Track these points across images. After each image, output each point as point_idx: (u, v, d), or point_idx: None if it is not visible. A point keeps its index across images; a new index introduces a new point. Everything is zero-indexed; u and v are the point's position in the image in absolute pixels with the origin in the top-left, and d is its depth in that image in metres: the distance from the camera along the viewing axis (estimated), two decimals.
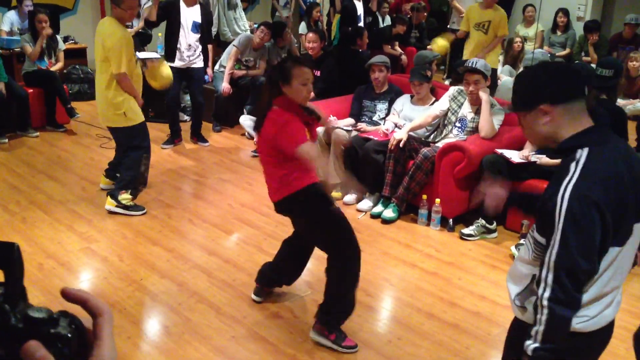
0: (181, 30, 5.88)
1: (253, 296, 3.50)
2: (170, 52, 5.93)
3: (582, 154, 1.71)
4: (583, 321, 1.75)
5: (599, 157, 1.70)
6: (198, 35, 5.96)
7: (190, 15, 5.89)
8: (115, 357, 0.69)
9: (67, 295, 0.70)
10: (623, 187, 1.68)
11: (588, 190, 1.64)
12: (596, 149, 1.71)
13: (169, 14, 5.86)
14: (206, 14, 6.12)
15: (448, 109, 4.77)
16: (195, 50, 5.99)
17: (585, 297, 1.72)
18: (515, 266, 1.93)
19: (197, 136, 6.41)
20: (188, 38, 5.92)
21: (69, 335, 0.66)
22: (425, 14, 9.57)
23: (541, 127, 1.80)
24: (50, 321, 0.65)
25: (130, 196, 4.64)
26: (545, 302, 1.68)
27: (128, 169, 4.66)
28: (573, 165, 1.69)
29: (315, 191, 3.08)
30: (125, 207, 4.59)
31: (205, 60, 6.33)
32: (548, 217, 1.70)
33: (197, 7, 5.94)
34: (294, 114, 2.95)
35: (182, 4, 5.84)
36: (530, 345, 1.72)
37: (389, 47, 8.17)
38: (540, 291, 1.70)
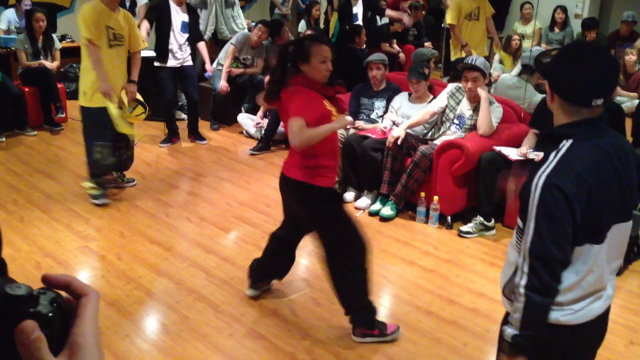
0: (172, 31, 5.86)
1: (247, 291, 3.49)
2: (162, 53, 5.92)
3: (565, 144, 1.72)
4: (569, 314, 1.76)
5: (579, 150, 1.70)
6: (187, 35, 5.96)
7: (179, 15, 5.88)
8: (96, 338, 0.65)
9: (49, 280, 0.68)
10: (599, 186, 1.67)
11: (558, 181, 1.66)
12: (580, 142, 1.72)
13: (160, 15, 5.85)
14: (192, 12, 6.11)
15: (446, 106, 4.76)
16: (186, 50, 5.99)
17: (570, 296, 1.74)
18: (507, 255, 1.95)
19: (195, 134, 6.40)
20: (179, 38, 5.91)
21: (50, 314, 0.62)
22: (423, 12, 9.55)
23: (550, 105, 1.83)
24: (30, 299, 0.61)
25: (90, 184, 4.68)
26: (521, 290, 1.70)
27: (87, 158, 4.67)
28: (553, 154, 1.72)
29: (332, 195, 3.11)
30: (88, 194, 4.70)
31: (203, 58, 6.32)
32: (524, 204, 1.73)
33: (185, 7, 5.95)
34: (315, 92, 2.94)
35: (171, 4, 5.83)
36: (509, 331, 1.75)
37: (387, 45, 8.16)
38: (517, 279, 1.73)
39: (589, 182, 1.66)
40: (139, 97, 4.79)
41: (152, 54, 6.05)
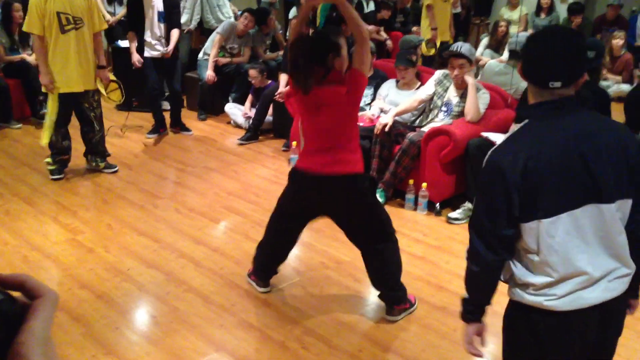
0: (147, 22, 5.77)
1: (260, 289, 3.46)
2: (140, 45, 5.85)
3: (521, 125, 1.81)
4: (551, 299, 1.77)
5: (528, 131, 1.78)
6: (163, 25, 5.85)
7: (154, 4, 5.76)
8: (43, 347, 0.59)
9: (1, 281, 0.62)
10: (545, 164, 1.70)
11: (497, 156, 1.77)
12: (535, 123, 1.78)
13: (134, 8, 5.76)
14: (168, 1, 5.90)
15: (434, 93, 4.76)
16: (165, 40, 5.89)
17: (540, 279, 1.77)
18: None
19: (179, 125, 6.34)
20: (155, 30, 5.82)
21: None
22: None
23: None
24: None
25: (49, 160, 4.89)
26: (465, 258, 1.88)
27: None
28: (508, 133, 1.83)
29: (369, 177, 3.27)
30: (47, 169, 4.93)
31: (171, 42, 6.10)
32: None
33: None
34: None
35: None
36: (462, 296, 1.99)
37: (375, 32, 8.13)
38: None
39: (525, 158, 1.70)
40: (112, 77, 4.98)
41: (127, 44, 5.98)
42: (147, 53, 5.84)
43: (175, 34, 5.90)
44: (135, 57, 5.88)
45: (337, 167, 2.97)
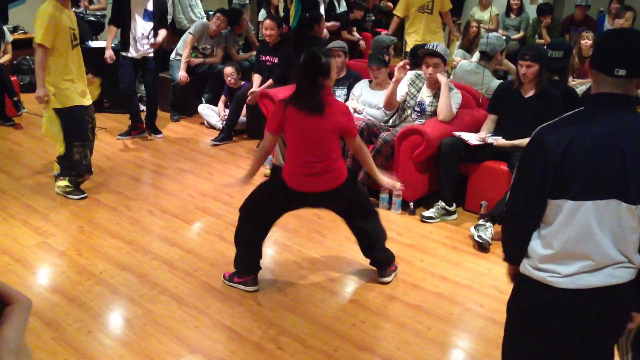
0: (132, 19, 5.74)
1: (250, 288, 3.47)
2: (124, 41, 5.80)
3: (575, 110, 1.93)
4: (555, 277, 1.90)
5: (580, 117, 1.90)
6: (151, 24, 5.84)
7: (141, 3, 5.76)
8: (14, 355, 0.57)
9: None
10: (585, 149, 1.82)
11: (545, 132, 1.90)
12: (588, 111, 1.90)
13: (120, 4, 5.72)
14: (159, 1, 5.96)
15: (407, 94, 4.79)
16: (149, 39, 5.87)
17: (550, 251, 1.90)
18: None
19: (151, 127, 6.27)
20: (140, 27, 5.79)
21: None
22: None
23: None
24: None
25: (66, 183, 4.68)
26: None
27: (64, 158, 4.63)
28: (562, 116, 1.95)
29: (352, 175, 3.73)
30: (65, 192, 4.69)
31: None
32: None
33: None
34: None
35: None
36: None
37: (347, 32, 8.16)
38: None
39: (569, 141, 1.83)
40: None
41: (103, 44, 5.91)
42: (128, 53, 5.79)
43: (163, 32, 5.92)
44: (108, 53, 5.83)
45: (328, 184, 3.27)
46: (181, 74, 6.58)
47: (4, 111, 6.51)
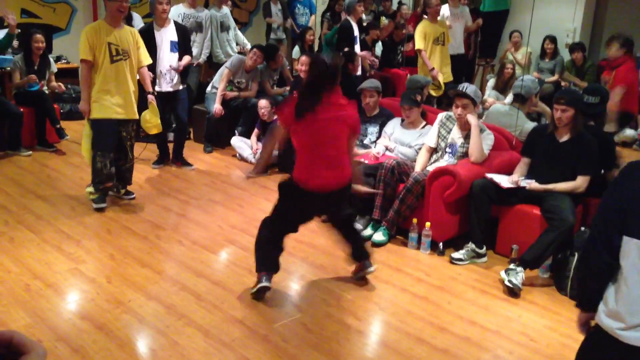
0: (158, 52, 5.85)
1: (259, 286, 3.68)
2: (153, 77, 5.93)
3: None
4: (620, 329, 1.85)
5: None
6: (177, 54, 5.96)
7: (165, 36, 5.88)
8: None
9: None
10: None
11: (627, 165, 1.95)
12: None
13: (145, 40, 5.86)
14: (181, 29, 6.04)
15: (438, 136, 4.80)
16: (177, 70, 5.97)
17: (613, 300, 1.87)
18: None
19: (181, 160, 6.35)
20: (167, 59, 5.90)
21: None
22: (403, 31, 9.53)
23: None
24: None
25: (91, 190, 4.99)
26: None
27: (91, 166, 4.98)
28: None
29: None
30: (89, 199, 5.04)
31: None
32: None
33: (172, 26, 5.92)
34: None
35: (155, 27, 5.85)
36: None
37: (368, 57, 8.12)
38: None
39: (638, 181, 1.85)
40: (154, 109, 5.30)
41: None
42: (156, 87, 5.92)
43: (186, 58, 6.04)
44: (182, 63, 6.01)
45: (339, 180, 3.59)
46: (216, 107, 6.70)
47: (45, 137, 6.69)
